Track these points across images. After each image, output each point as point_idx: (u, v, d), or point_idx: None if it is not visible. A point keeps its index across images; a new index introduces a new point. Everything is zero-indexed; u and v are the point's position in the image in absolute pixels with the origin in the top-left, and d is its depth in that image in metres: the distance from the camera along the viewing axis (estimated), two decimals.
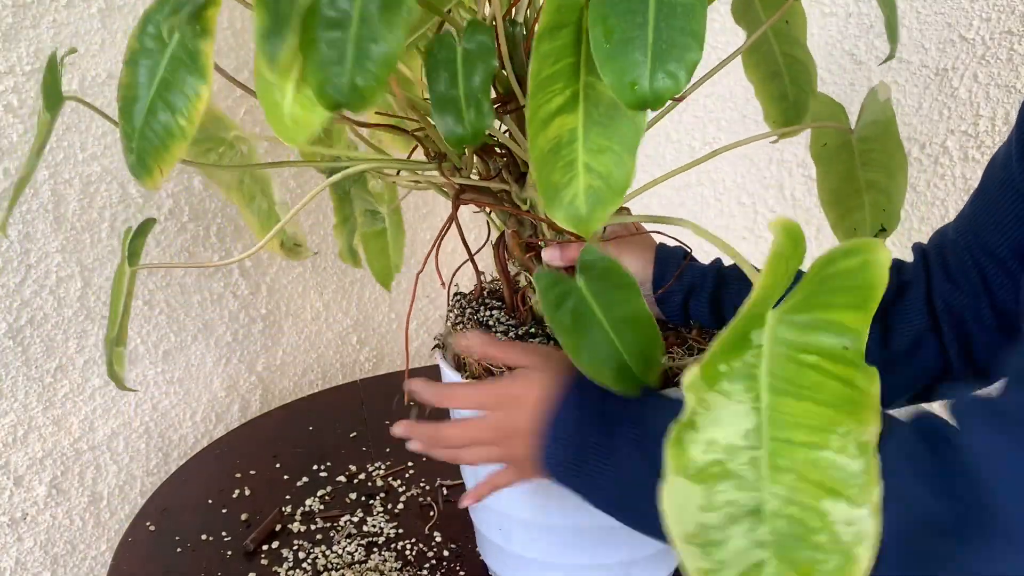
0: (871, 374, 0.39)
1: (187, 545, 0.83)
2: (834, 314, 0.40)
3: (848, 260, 0.39)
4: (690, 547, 0.38)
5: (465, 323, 0.69)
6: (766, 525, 0.38)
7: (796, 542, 0.37)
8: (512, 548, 0.73)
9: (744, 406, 0.39)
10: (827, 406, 0.38)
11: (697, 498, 0.38)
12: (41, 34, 0.86)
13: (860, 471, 0.37)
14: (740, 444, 0.38)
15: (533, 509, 0.69)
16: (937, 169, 1.11)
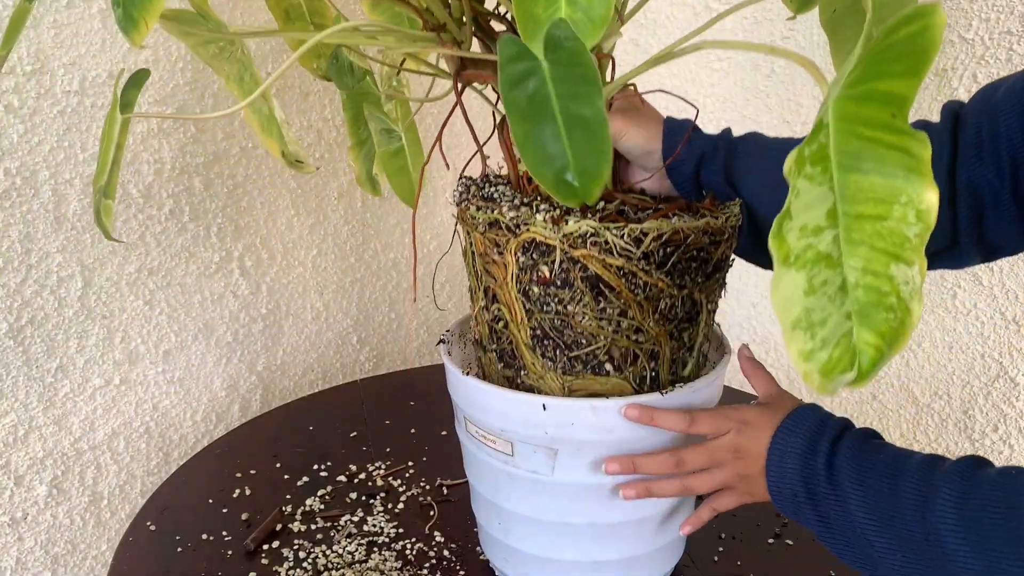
0: (922, 139, 0.40)
1: (187, 545, 0.83)
2: (886, 83, 0.41)
3: (909, 26, 0.40)
4: (797, 332, 0.42)
5: (471, 199, 0.67)
6: (850, 297, 0.41)
7: (874, 308, 0.41)
8: (511, 542, 0.74)
9: (823, 187, 0.42)
10: (889, 177, 0.41)
11: (801, 283, 0.42)
12: (42, 34, 0.87)
13: (915, 235, 0.40)
14: (823, 225, 0.42)
15: (531, 505, 0.70)
16: None
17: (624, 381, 0.65)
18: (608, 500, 0.68)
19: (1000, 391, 1.13)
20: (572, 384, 0.65)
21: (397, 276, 1.30)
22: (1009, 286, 1.08)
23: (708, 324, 0.69)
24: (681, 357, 0.67)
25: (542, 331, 0.64)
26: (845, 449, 0.59)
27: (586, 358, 0.64)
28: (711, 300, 0.68)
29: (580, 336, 0.63)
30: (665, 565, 0.76)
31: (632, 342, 0.64)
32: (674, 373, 0.67)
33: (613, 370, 0.64)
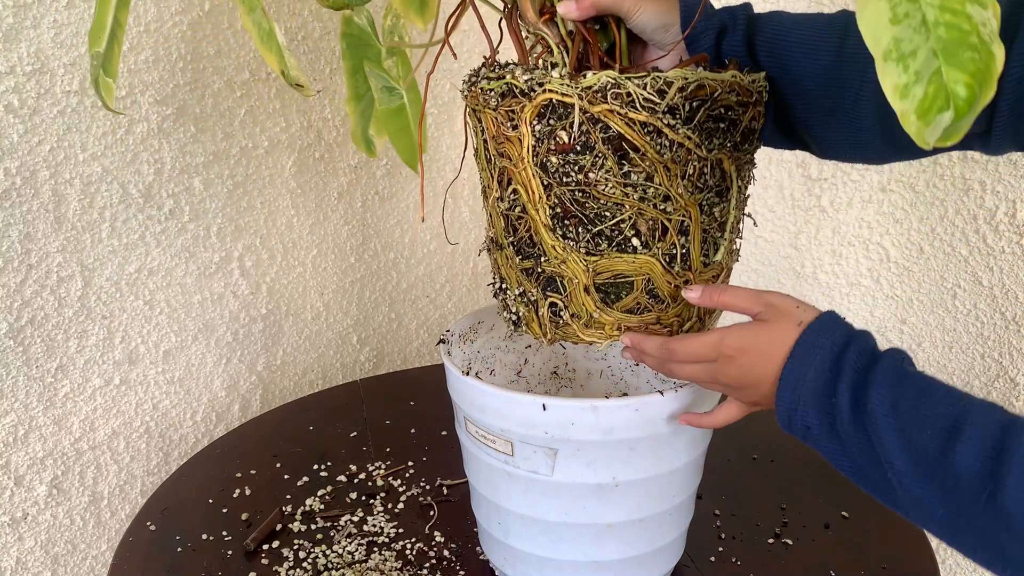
0: None
1: (187, 545, 0.83)
2: None
3: None
4: (889, 64, 0.42)
5: (479, 81, 0.64)
6: (932, 35, 0.42)
7: (958, 47, 0.41)
8: (511, 543, 0.74)
9: None
10: None
11: (885, 11, 0.42)
12: (42, 34, 0.87)
13: None
14: None
15: (531, 505, 0.70)
16: (936, 169, 1.11)
17: (653, 258, 0.61)
18: (608, 501, 0.68)
19: (1000, 391, 1.13)
20: (596, 265, 0.62)
21: (397, 276, 1.30)
22: (1009, 286, 1.08)
23: (739, 205, 0.65)
24: (712, 237, 0.64)
25: (562, 207, 0.60)
26: (878, 383, 0.53)
27: (611, 233, 0.60)
28: (742, 176, 0.64)
29: (603, 208, 0.59)
30: (665, 565, 0.76)
31: (660, 212, 0.60)
32: (705, 255, 0.64)
33: (640, 246, 0.61)
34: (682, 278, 0.62)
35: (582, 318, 0.64)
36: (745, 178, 0.65)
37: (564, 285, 0.63)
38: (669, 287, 0.62)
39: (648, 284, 0.62)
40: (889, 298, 1.20)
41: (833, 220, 1.22)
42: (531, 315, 0.66)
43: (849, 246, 1.21)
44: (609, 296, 0.63)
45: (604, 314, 0.63)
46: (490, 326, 0.85)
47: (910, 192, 1.14)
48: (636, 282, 0.62)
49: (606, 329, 0.64)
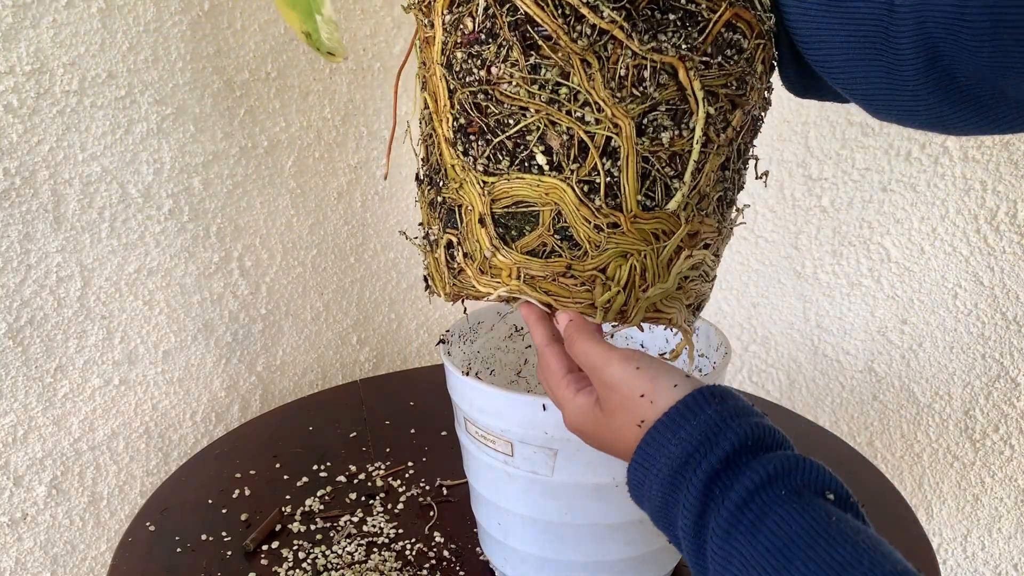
0: None
1: (187, 545, 0.83)
2: None
3: None
4: None
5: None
6: None
7: None
8: (511, 543, 0.74)
9: None
10: None
11: None
12: (41, 34, 0.86)
13: None
14: None
15: (531, 505, 0.70)
16: (937, 169, 1.11)
17: (564, 183, 0.49)
18: (609, 501, 0.67)
19: (1001, 391, 1.13)
20: (494, 188, 0.51)
21: (397, 276, 1.30)
22: (1010, 286, 1.08)
23: (713, 145, 0.50)
24: (661, 174, 0.50)
25: (464, 116, 0.51)
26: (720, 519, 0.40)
27: (513, 147, 0.50)
28: (717, 103, 0.50)
29: (506, 114, 0.49)
30: (665, 565, 0.76)
31: (576, 121, 0.48)
32: (648, 195, 0.50)
33: (548, 165, 0.49)
34: (607, 218, 0.49)
35: (476, 259, 0.53)
36: (726, 109, 0.50)
37: (461, 217, 0.53)
38: (587, 228, 0.49)
39: (559, 220, 0.50)
40: (890, 298, 1.20)
41: (834, 220, 1.22)
42: (431, 260, 0.57)
43: (850, 246, 1.21)
44: (510, 232, 0.51)
45: (500, 254, 0.52)
46: (490, 326, 0.84)
47: (911, 192, 1.14)
48: (542, 215, 0.50)
49: (503, 276, 0.52)
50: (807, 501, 0.39)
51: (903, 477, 1.25)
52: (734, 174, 0.54)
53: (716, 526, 0.40)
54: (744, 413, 0.44)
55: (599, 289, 0.51)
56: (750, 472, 0.41)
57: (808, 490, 0.40)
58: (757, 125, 0.54)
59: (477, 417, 0.69)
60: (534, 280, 0.52)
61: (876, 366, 1.23)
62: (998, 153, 1.05)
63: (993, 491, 1.18)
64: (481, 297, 0.54)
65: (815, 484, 0.41)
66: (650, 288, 0.51)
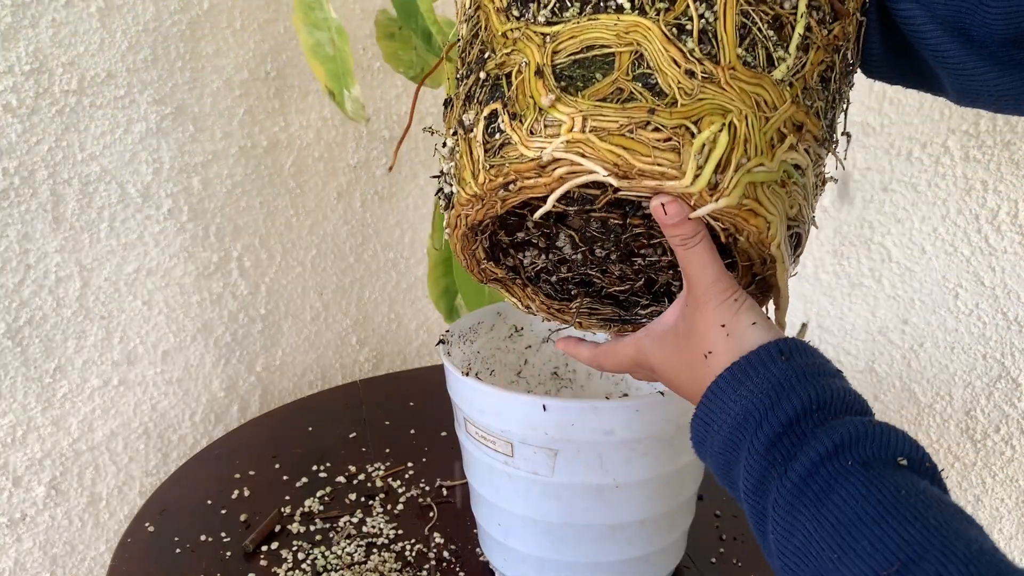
0: None
1: (186, 546, 0.83)
2: None
3: None
4: None
5: None
6: None
7: None
8: (511, 544, 0.74)
9: None
10: None
11: None
12: (40, 33, 0.86)
13: None
14: None
15: (532, 506, 0.70)
16: (938, 169, 1.10)
17: (649, 22, 0.42)
18: (609, 501, 0.67)
19: (1002, 392, 1.12)
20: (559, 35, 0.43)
21: (397, 276, 1.30)
22: (1011, 286, 1.08)
23: (817, 34, 0.44)
24: (763, 37, 0.43)
25: None
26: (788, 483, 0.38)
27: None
28: (822, 11, 0.45)
29: None
30: (665, 566, 0.76)
31: None
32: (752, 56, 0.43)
33: (629, 6, 0.42)
34: (702, 66, 0.41)
35: (527, 118, 0.42)
36: (826, 12, 0.45)
37: (511, 81, 0.43)
38: (677, 72, 0.40)
39: (639, 65, 0.41)
40: (891, 298, 1.19)
41: (834, 220, 1.22)
42: (463, 150, 0.45)
43: (851, 246, 1.21)
44: (575, 83, 0.42)
45: (560, 103, 0.41)
46: (490, 326, 0.84)
47: (912, 192, 1.13)
48: (619, 59, 0.41)
49: (562, 129, 0.40)
50: (876, 473, 0.37)
51: None
52: (834, 95, 0.46)
53: (779, 495, 0.38)
54: (815, 373, 0.41)
55: (688, 145, 0.39)
56: (815, 441, 0.38)
57: (878, 460, 0.38)
58: (849, 73, 0.48)
59: (477, 417, 0.69)
60: (606, 134, 0.40)
61: (877, 366, 1.23)
62: (999, 153, 1.05)
63: (994, 492, 1.18)
64: (526, 171, 0.42)
65: (886, 452, 0.38)
66: (752, 159, 0.41)
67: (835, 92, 0.47)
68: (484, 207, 0.45)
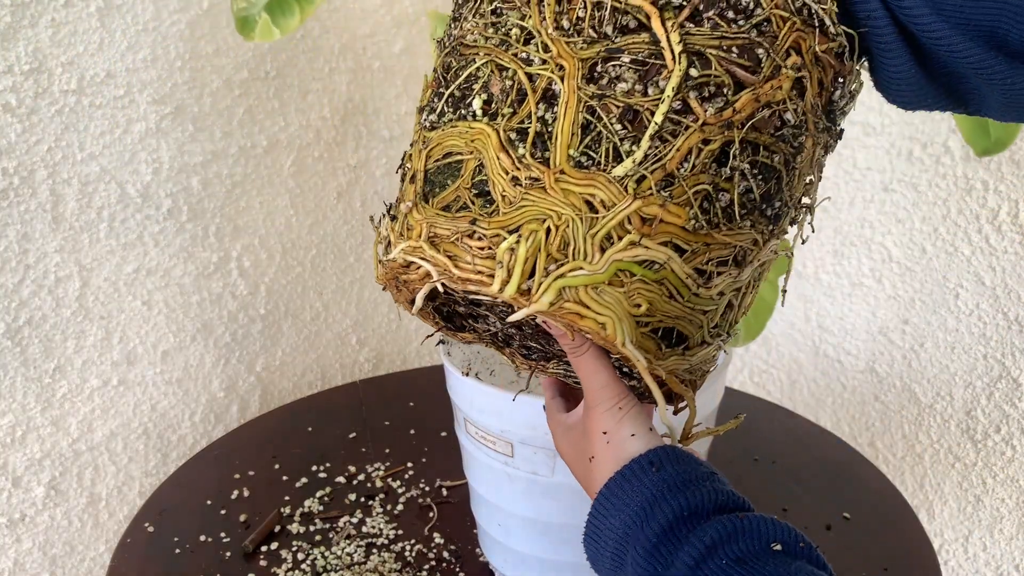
0: None
1: (186, 546, 0.83)
2: None
3: None
4: None
5: None
6: None
7: None
8: (512, 544, 0.74)
9: None
10: None
11: None
12: (39, 33, 0.86)
13: None
14: None
15: (531, 506, 0.69)
16: (939, 168, 1.10)
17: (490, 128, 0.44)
18: None
19: (1003, 392, 1.12)
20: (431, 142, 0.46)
21: None
22: (1012, 286, 1.08)
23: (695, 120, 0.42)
24: (610, 132, 0.42)
25: (437, 80, 0.48)
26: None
27: (461, 97, 0.46)
28: (707, 67, 0.42)
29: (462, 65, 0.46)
30: None
31: (520, 62, 0.43)
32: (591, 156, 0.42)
33: (482, 112, 0.45)
34: (529, 172, 0.42)
35: (399, 220, 0.47)
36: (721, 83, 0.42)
37: (407, 188, 0.47)
38: (504, 179, 0.42)
39: (479, 172, 0.43)
40: (891, 298, 1.19)
41: (835, 220, 1.22)
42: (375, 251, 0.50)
43: (851, 246, 1.21)
44: (435, 188, 0.45)
45: (415, 210, 0.45)
46: None
47: (912, 192, 1.13)
48: (465, 165, 0.44)
49: (413, 235, 0.45)
50: (750, 566, 0.39)
51: (904, 478, 1.24)
52: (741, 175, 0.43)
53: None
54: (685, 481, 0.43)
55: (503, 254, 0.41)
56: (688, 546, 0.40)
57: (751, 553, 0.39)
58: (798, 136, 0.44)
59: (477, 418, 0.68)
60: (438, 240, 0.43)
61: (877, 366, 1.22)
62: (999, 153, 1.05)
63: (995, 492, 1.18)
64: (398, 269, 0.46)
65: (759, 543, 0.40)
66: (566, 264, 0.41)
67: (749, 172, 0.43)
68: (401, 294, 0.49)
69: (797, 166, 0.46)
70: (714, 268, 0.44)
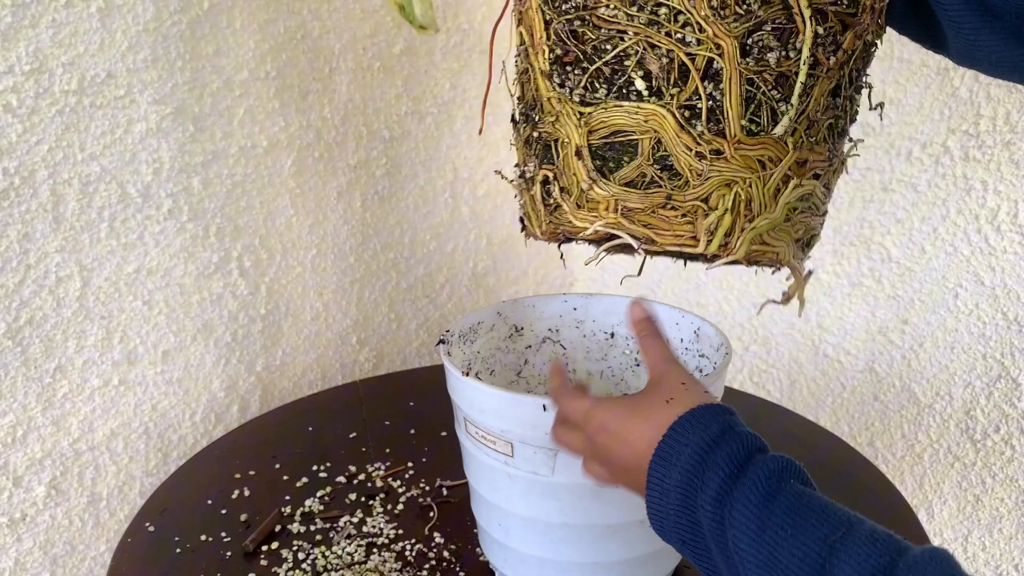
0: None
1: (186, 546, 0.83)
2: None
3: None
4: None
5: None
6: None
7: None
8: (512, 544, 0.74)
9: None
10: None
11: None
12: (40, 34, 0.86)
13: None
14: None
15: (531, 506, 0.70)
16: (938, 169, 1.10)
17: (663, 109, 0.48)
18: (609, 502, 0.67)
19: (1002, 391, 1.12)
20: (591, 119, 0.50)
21: (397, 276, 1.30)
22: (1011, 286, 1.08)
23: (824, 71, 0.48)
24: (767, 97, 0.48)
25: (561, 45, 0.50)
26: (744, 500, 0.45)
27: (611, 74, 0.49)
28: (827, 23, 0.47)
29: (604, 39, 0.48)
30: (665, 566, 0.76)
31: (676, 43, 0.46)
32: (753, 120, 0.48)
33: (647, 92, 0.48)
34: (710, 145, 0.48)
35: (572, 194, 0.52)
36: (836, 32, 0.48)
37: (558, 151, 0.52)
38: (688, 156, 0.48)
39: (658, 149, 0.49)
40: (891, 298, 1.19)
41: (834, 220, 1.22)
42: (527, 199, 0.56)
43: (851, 246, 1.21)
44: (607, 164, 0.50)
45: (597, 186, 0.50)
46: (490, 326, 0.84)
47: (912, 192, 1.13)
48: (641, 144, 0.49)
49: (600, 208, 0.51)
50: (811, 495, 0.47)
51: (904, 477, 1.24)
52: (846, 101, 0.51)
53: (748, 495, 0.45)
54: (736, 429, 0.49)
55: (701, 219, 0.48)
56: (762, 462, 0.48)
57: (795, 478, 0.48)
58: (870, 51, 0.52)
59: (477, 417, 0.69)
60: (632, 213, 0.50)
61: (877, 366, 1.23)
62: (999, 153, 1.05)
63: (994, 491, 1.18)
64: (578, 233, 0.52)
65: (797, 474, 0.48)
66: (756, 218, 0.49)
67: (848, 96, 0.52)
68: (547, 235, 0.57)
69: (863, 84, 0.54)
70: (831, 182, 0.54)
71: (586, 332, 0.88)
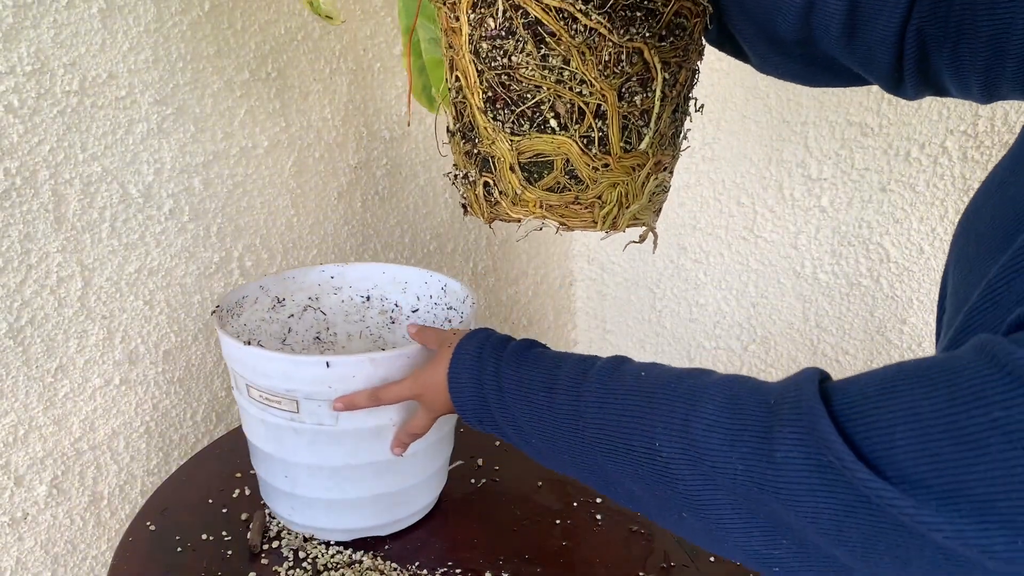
0: None
1: (187, 545, 0.83)
2: None
3: None
4: None
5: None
6: None
7: None
8: (298, 491, 0.82)
9: None
10: None
11: None
12: (41, 34, 0.87)
13: None
14: None
15: (318, 454, 0.79)
16: (936, 169, 1.11)
17: (570, 139, 0.66)
18: (387, 439, 0.79)
19: None
20: (520, 145, 0.67)
21: None
22: None
23: (669, 99, 0.68)
24: (634, 125, 0.67)
25: (492, 91, 0.67)
26: (508, 360, 0.64)
27: (532, 114, 0.66)
28: (669, 68, 0.67)
29: (525, 90, 0.65)
30: (432, 492, 0.88)
31: (576, 95, 0.65)
32: (627, 142, 0.68)
33: (558, 127, 0.66)
34: (601, 161, 0.67)
35: (509, 195, 0.70)
36: (675, 72, 0.68)
37: (495, 165, 0.69)
38: (587, 169, 0.67)
39: (568, 165, 0.67)
40: (889, 298, 1.20)
41: (833, 220, 1.22)
42: (471, 195, 0.73)
43: (849, 246, 1.22)
44: (532, 175, 0.68)
45: (527, 192, 0.69)
46: (254, 299, 0.94)
47: (910, 192, 1.14)
48: (556, 162, 0.67)
49: (530, 206, 0.70)
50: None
51: None
52: (682, 114, 0.71)
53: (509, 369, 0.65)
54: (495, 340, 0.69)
55: (597, 210, 0.69)
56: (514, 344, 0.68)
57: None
58: (695, 77, 0.72)
59: (261, 382, 0.77)
60: (552, 208, 0.69)
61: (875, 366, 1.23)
62: (997, 153, 1.05)
63: None
64: (515, 220, 0.71)
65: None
66: (631, 205, 0.70)
67: (684, 110, 0.71)
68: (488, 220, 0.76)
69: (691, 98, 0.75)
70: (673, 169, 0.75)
71: (344, 298, 1.01)
